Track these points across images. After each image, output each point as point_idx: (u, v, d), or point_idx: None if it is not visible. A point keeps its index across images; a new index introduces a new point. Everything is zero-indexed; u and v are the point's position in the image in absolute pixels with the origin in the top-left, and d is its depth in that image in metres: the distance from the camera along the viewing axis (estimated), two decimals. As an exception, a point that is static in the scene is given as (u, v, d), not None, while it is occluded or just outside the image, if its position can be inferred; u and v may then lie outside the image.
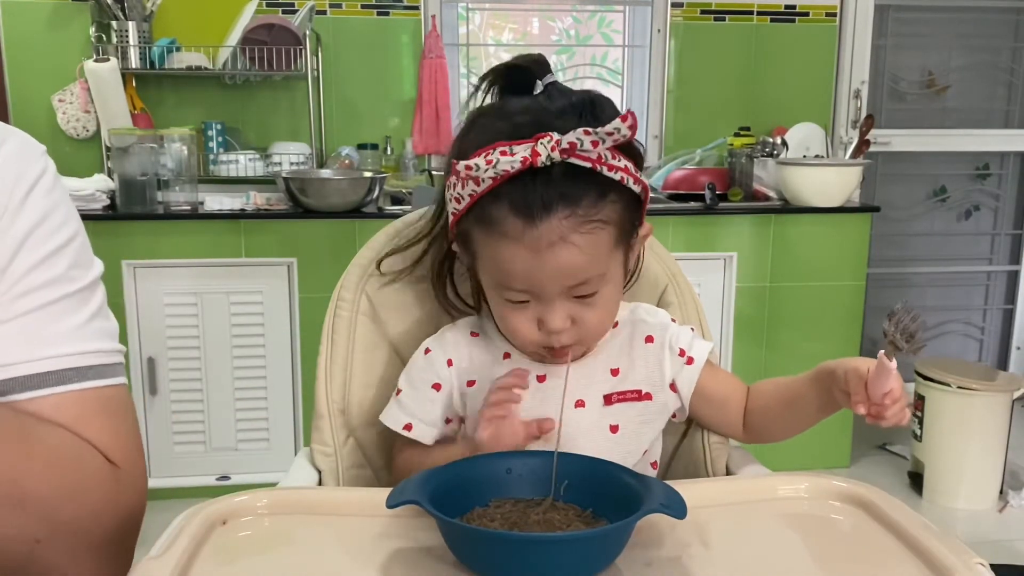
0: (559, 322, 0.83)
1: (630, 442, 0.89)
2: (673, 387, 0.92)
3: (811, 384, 0.86)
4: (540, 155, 0.77)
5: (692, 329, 0.96)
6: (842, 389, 0.81)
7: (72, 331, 0.71)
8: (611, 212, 0.81)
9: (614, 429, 0.89)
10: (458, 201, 0.82)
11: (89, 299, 0.74)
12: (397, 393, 0.94)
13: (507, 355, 0.92)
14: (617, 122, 0.76)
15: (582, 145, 0.77)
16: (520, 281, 0.82)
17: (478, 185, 0.79)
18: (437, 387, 0.92)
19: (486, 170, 0.78)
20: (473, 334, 0.94)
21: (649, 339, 0.93)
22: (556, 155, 0.77)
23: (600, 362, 0.91)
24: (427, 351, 0.94)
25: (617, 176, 0.80)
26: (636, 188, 0.82)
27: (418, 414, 0.92)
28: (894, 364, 0.75)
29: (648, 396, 0.91)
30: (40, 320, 0.70)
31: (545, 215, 0.78)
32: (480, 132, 0.83)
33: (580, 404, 0.89)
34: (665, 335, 0.93)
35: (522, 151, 0.77)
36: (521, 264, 0.80)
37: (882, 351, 0.77)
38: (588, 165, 0.78)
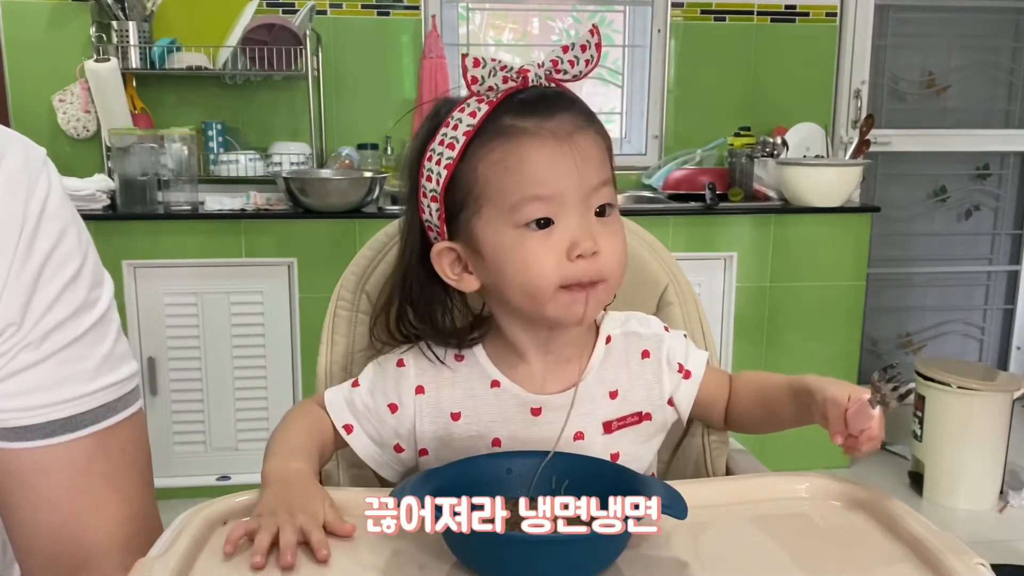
0: (590, 240, 0.77)
1: (630, 465, 0.84)
2: (671, 402, 0.89)
3: (790, 395, 0.85)
4: (530, 71, 0.79)
5: (685, 335, 0.93)
6: (821, 412, 0.79)
7: (100, 363, 0.70)
8: (603, 134, 0.82)
9: (615, 457, 0.86)
10: (451, 147, 0.79)
11: (110, 322, 0.72)
12: (354, 384, 0.88)
13: (495, 383, 0.85)
14: (586, 35, 0.79)
15: (562, 63, 0.80)
16: (546, 182, 0.77)
17: (473, 118, 0.78)
18: (393, 408, 0.86)
19: (488, 79, 0.77)
20: (458, 357, 0.87)
21: (645, 354, 0.89)
22: (542, 74, 0.79)
23: (598, 385, 0.87)
24: (400, 363, 0.87)
25: (589, 111, 0.82)
26: (606, 132, 0.84)
27: (364, 423, 0.87)
28: (877, 412, 0.74)
29: (648, 416, 0.88)
30: (70, 358, 0.68)
31: (555, 110, 0.79)
32: (452, 104, 0.81)
33: (579, 436, 0.85)
34: (661, 349, 0.89)
35: (512, 75, 0.79)
36: (547, 157, 0.77)
37: (867, 396, 0.74)
38: (571, 95, 0.81)
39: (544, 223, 0.77)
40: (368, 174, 2.65)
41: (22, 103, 2.77)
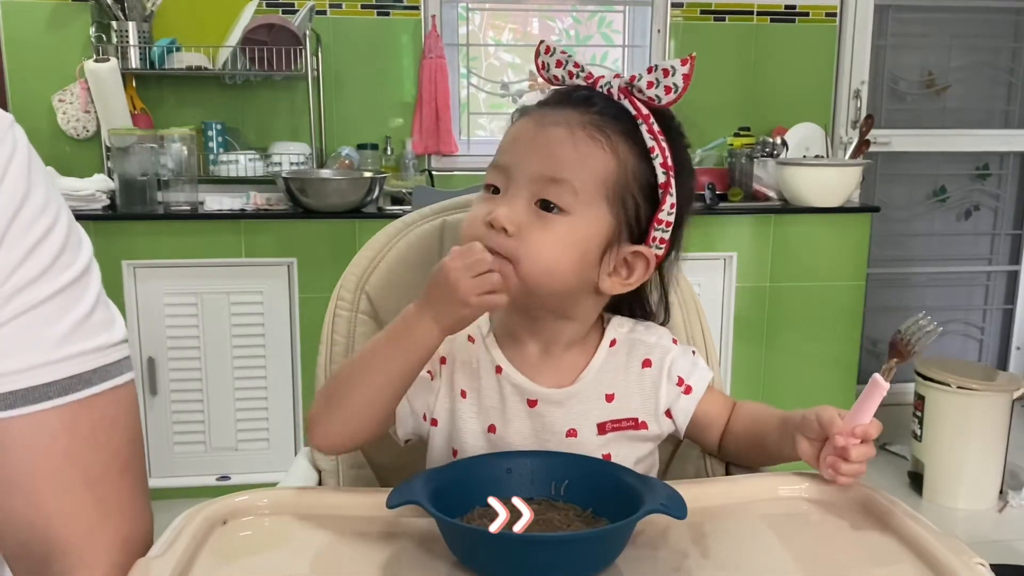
0: (505, 213, 0.78)
1: None
2: (668, 414, 0.89)
3: (777, 423, 0.84)
4: (604, 78, 0.83)
5: (694, 352, 0.91)
6: (807, 436, 0.79)
7: (71, 329, 0.63)
8: (622, 162, 0.80)
9: (607, 459, 0.85)
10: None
11: (86, 287, 0.65)
12: None
13: (499, 369, 0.86)
14: (676, 62, 0.79)
15: (639, 80, 0.80)
16: (506, 154, 0.82)
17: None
18: (431, 375, 0.87)
19: (554, 68, 0.84)
20: (470, 338, 0.88)
21: (647, 363, 0.88)
22: (615, 84, 0.81)
23: (595, 386, 0.86)
24: None
25: (650, 143, 0.81)
26: (661, 173, 0.81)
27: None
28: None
29: (644, 425, 0.87)
30: (35, 321, 0.61)
31: (568, 105, 0.81)
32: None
33: (572, 434, 0.85)
34: (664, 360, 0.88)
35: (580, 72, 0.84)
36: (519, 133, 0.82)
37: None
38: (634, 112, 0.81)
39: (494, 190, 0.82)
40: (368, 174, 2.65)
41: (22, 103, 2.77)
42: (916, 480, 2.71)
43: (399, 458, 0.91)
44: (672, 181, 0.82)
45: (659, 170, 0.81)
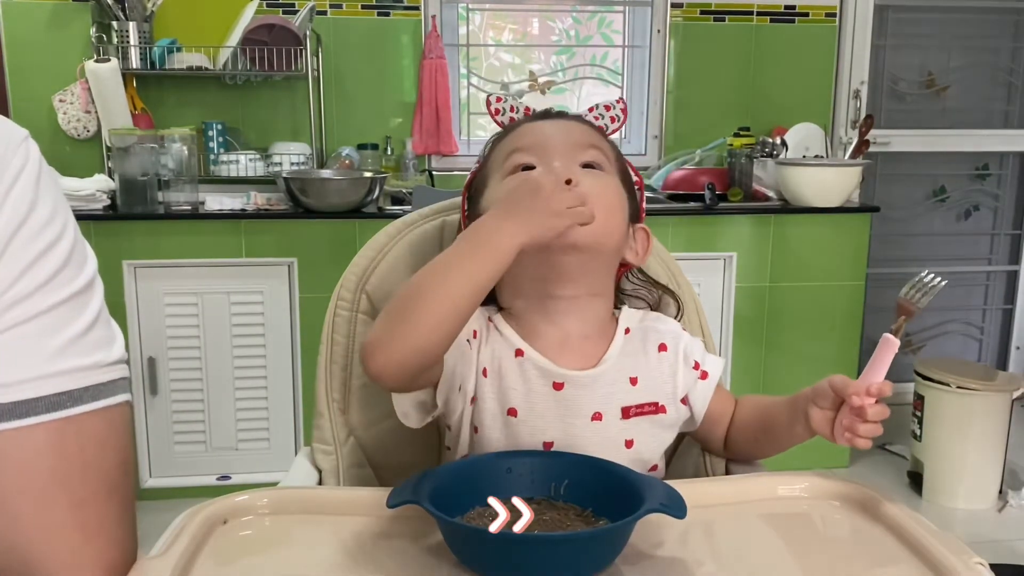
0: (564, 168, 0.85)
1: (643, 455, 0.87)
2: (684, 400, 0.90)
3: (786, 403, 0.86)
4: (553, 109, 0.96)
5: (702, 341, 0.95)
6: (820, 405, 0.81)
7: (66, 345, 0.61)
8: (616, 151, 0.93)
9: (629, 444, 0.86)
10: (474, 172, 0.95)
11: (86, 303, 0.64)
12: None
13: (519, 352, 0.86)
14: (612, 100, 0.94)
15: (587, 116, 0.95)
16: (528, 138, 0.89)
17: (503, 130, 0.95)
18: (475, 334, 0.86)
19: (508, 112, 0.94)
20: (489, 320, 0.89)
21: (663, 347, 0.90)
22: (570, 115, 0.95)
23: (618, 370, 0.88)
24: None
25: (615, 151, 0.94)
26: (633, 174, 0.95)
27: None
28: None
29: (663, 409, 0.88)
30: (28, 334, 0.60)
31: (560, 117, 0.94)
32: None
33: (597, 417, 0.85)
34: (678, 344, 0.91)
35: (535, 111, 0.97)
36: (534, 126, 0.91)
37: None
38: (598, 124, 0.94)
39: (527, 168, 0.87)
40: (368, 174, 2.65)
41: (22, 103, 2.77)
42: (916, 480, 2.71)
43: (399, 458, 0.91)
44: (641, 181, 0.96)
45: (631, 173, 0.94)
